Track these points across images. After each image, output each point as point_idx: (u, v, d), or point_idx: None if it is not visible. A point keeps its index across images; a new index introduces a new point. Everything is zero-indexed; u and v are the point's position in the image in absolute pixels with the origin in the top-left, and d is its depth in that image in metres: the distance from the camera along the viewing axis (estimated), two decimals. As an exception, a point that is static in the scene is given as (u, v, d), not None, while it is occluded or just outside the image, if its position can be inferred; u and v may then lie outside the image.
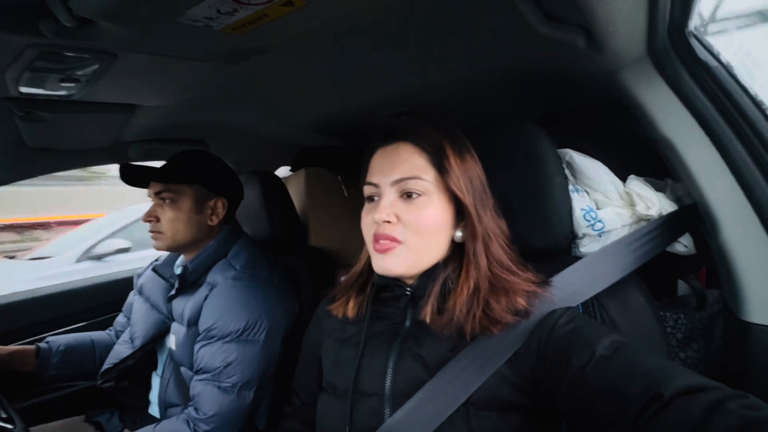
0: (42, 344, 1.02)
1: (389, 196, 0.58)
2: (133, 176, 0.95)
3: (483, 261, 0.57)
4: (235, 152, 1.37)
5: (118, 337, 1.11)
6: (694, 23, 0.60)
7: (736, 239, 0.59)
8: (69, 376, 1.06)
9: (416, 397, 0.54)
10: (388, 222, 0.57)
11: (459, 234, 0.60)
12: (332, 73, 0.81)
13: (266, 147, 1.42)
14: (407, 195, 0.58)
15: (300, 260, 1.15)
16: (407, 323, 0.61)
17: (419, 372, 0.57)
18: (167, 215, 0.92)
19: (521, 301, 0.55)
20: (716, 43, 0.62)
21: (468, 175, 0.58)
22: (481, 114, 1.08)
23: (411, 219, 0.57)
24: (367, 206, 0.62)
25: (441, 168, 0.57)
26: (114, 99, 0.84)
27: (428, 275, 0.60)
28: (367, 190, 0.61)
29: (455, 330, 0.56)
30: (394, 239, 0.57)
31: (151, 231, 0.94)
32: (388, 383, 0.58)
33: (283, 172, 1.59)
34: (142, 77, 0.73)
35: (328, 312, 0.70)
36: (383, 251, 0.57)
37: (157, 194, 0.93)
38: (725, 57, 0.62)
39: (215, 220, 0.98)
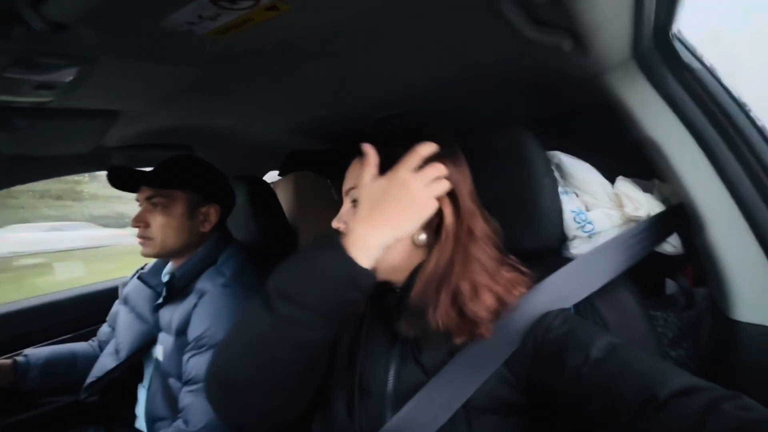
0: (19, 358, 0.98)
1: (345, 205, 0.62)
2: (122, 180, 0.92)
3: (458, 264, 0.55)
4: (222, 157, 1.35)
5: (101, 348, 1.08)
6: (678, 26, 0.60)
7: (722, 238, 0.60)
8: (49, 390, 1.02)
9: (415, 399, 0.54)
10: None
11: (421, 237, 0.57)
12: (319, 78, 0.80)
13: (254, 152, 1.41)
14: (352, 203, 0.61)
15: (290, 266, 1.14)
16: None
17: (419, 375, 0.56)
18: (158, 220, 0.90)
19: (497, 300, 0.55)
20: (700, 45, 0.63)
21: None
22: (469, 117, 1.08)
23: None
24: None
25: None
26: (95, 105, 0.81)
27: (413, 275, 0.58)
28: None
29: (441, 335, 0.55)
30: None
31: (139, 237, 0.91)
32: (389, 386, 0.57)
33: (271, 176, 1.57)
34: (125, 82, 0.71)
35: None
36: None
37: (147, 199, 0.91)
38: (709, 59, 0.63)
39: (207, 227, 0.96)
